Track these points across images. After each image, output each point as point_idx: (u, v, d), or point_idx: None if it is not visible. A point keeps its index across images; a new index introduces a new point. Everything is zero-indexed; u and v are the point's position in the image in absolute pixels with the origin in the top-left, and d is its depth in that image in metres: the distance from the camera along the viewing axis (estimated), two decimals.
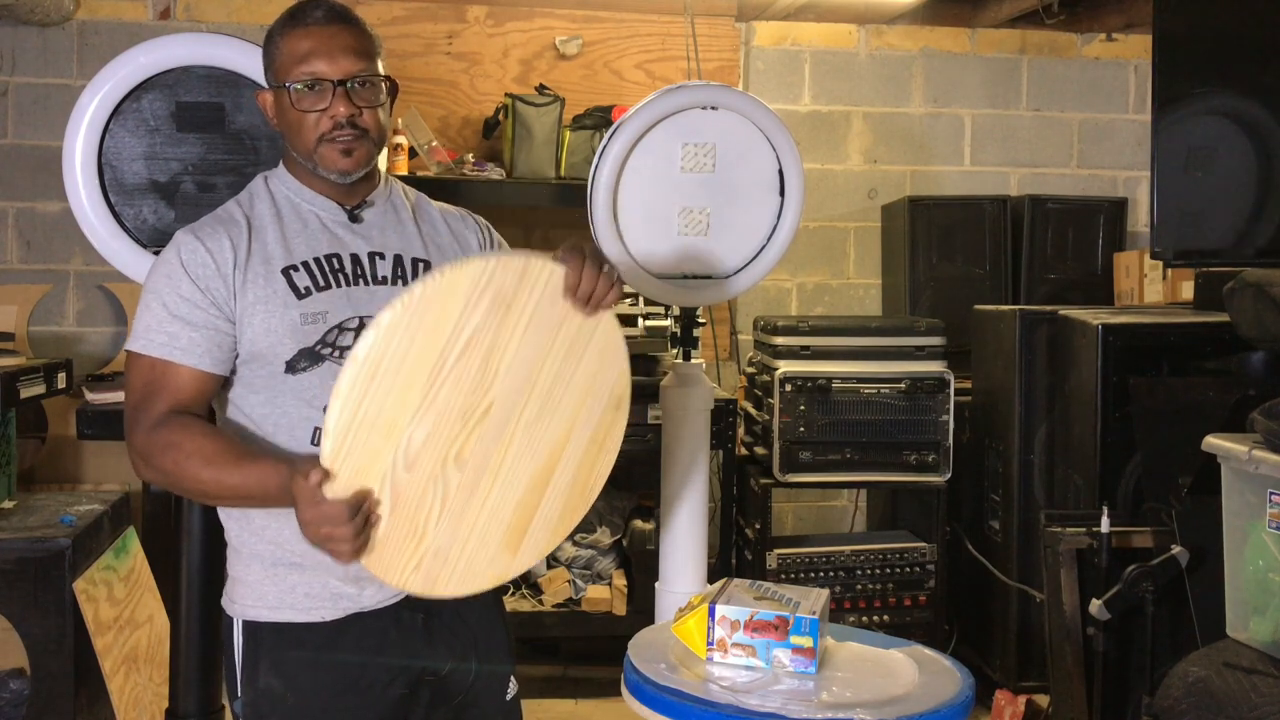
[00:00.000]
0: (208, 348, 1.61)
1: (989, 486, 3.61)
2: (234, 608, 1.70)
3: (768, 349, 3.66)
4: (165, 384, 1.59)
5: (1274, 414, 2.10)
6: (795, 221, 2.47)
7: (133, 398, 1.61)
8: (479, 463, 1.53)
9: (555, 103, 4.03)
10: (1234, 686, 2.07)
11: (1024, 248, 4.19)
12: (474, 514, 1.54)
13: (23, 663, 2.98)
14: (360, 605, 1.68)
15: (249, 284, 1.63)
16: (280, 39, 1.66)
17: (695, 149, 2.42)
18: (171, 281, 1.62)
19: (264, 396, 1.65)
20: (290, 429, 1.65)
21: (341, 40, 1.64)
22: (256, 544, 1.67)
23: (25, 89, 4.11)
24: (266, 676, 1.66)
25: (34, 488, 3.69)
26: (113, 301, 4.16)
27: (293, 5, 1.68)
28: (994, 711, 3.35)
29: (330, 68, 1.63)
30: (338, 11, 1.67)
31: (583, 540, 3.86)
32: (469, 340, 1.51)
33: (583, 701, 3.73)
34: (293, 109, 1.64)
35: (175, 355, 1.59)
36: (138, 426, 1.58)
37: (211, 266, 1.62)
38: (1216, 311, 2.90)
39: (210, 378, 1.62)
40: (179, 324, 1.60)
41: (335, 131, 1.64)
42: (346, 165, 1.67)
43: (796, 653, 1.61)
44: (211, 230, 1.66)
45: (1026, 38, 4.56)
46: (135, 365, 1.62)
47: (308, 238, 1.69)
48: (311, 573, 1.65)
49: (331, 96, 1.63)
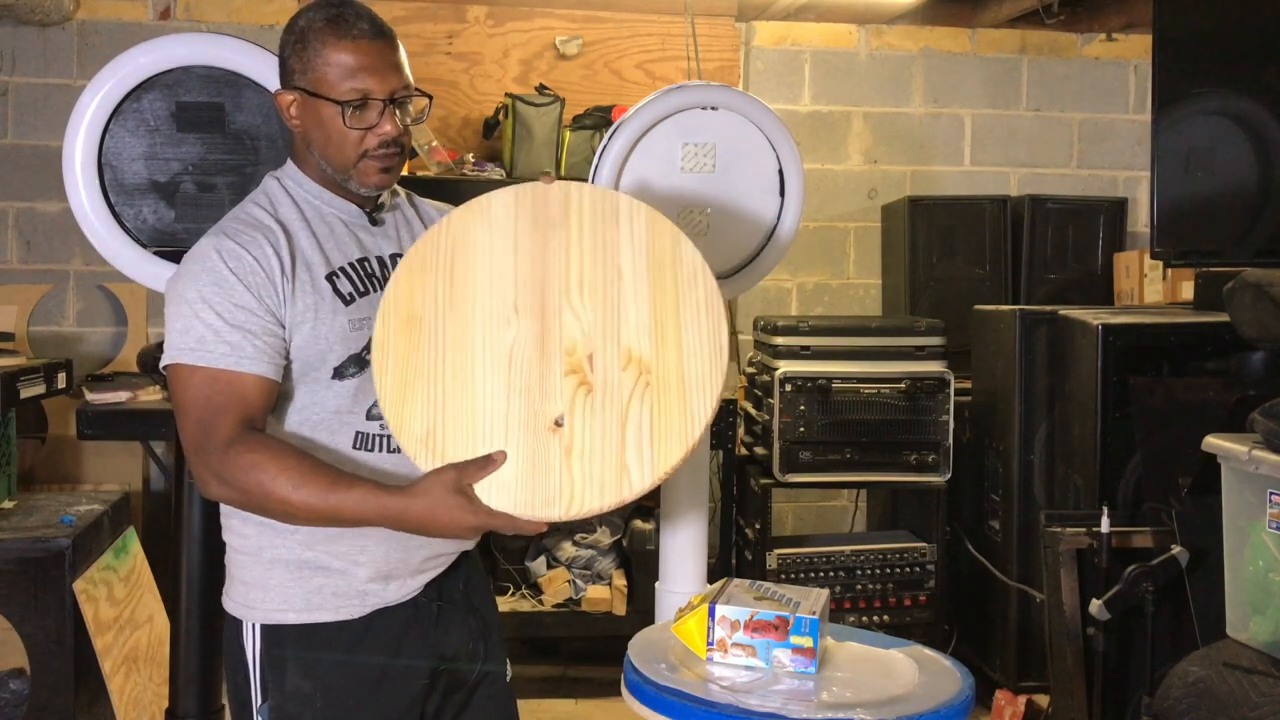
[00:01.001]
0: (270, 355, 1.58)
1: (989, 486, 3.61)
2: (250, 613, 1.67)
3: (767, 349, 3.66)
4: (231, 395, 1.55)
5: (1274, 414, 2.10)
6: (795, 222, 2.46)
7: (195, 413, 1.55)
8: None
9: (555, 103, 4.03)
10: (1234, 686, 2.07)
11: (1024, 248, 4.19)
12: (602, 428, 1.53)
13: (23, 663, 2.98)
14: (385, 601, 1.69)
15: (298, 292, 1.61)
16: (322, 47, 1.61)
17: (695, 149, 2.42)
18: (223, 290, 1.57)
19: (306, 402, 1.64)
20: (331, 434, 1.64)
21: (389, 57, 1.63)
22: (281, 548, 1.65)
23: (25, 89, 4.11)
24: (295, 678, 1.65)
25: (34, 488, 3.69)
26: (113, 301, 4.16)
27: (326, 9, 1.63)
28: (994, 711, 3.35)
29: (380, 86, 1.61)
30: (379, 25, 1.65)
31: (583, 540, 3.87)
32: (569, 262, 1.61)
33: (583, 701, 3.73)
34: (338, 121, 1.62)
35: (243, 365, 1.55)
36: (210, 444, 1.53)
37: (261, 274, 1.58)
38: (1216, 311, 2.90)
39: (274, 385, 1.59)
40: (239, 333, 1.56)
41: (379, 150, 1.63)
42: (384, 181, 1.68)
43: (796, 653, 1.61)
44: (250, 236, 1.61)
45: (1026, 38, 4.56)
46: (192, 379, 1.56)
47: (337, 242, 1.69)
48: (339, 574, 1.65)
49: (380, 115, 1.62)
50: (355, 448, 1.65)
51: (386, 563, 1.66)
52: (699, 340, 1.56)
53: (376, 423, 1.65)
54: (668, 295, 1.59)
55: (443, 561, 1.75)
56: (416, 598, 1.72)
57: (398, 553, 1.66)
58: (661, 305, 1.58)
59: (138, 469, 3.86)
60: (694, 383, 1.54)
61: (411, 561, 1.69)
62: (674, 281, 1.60)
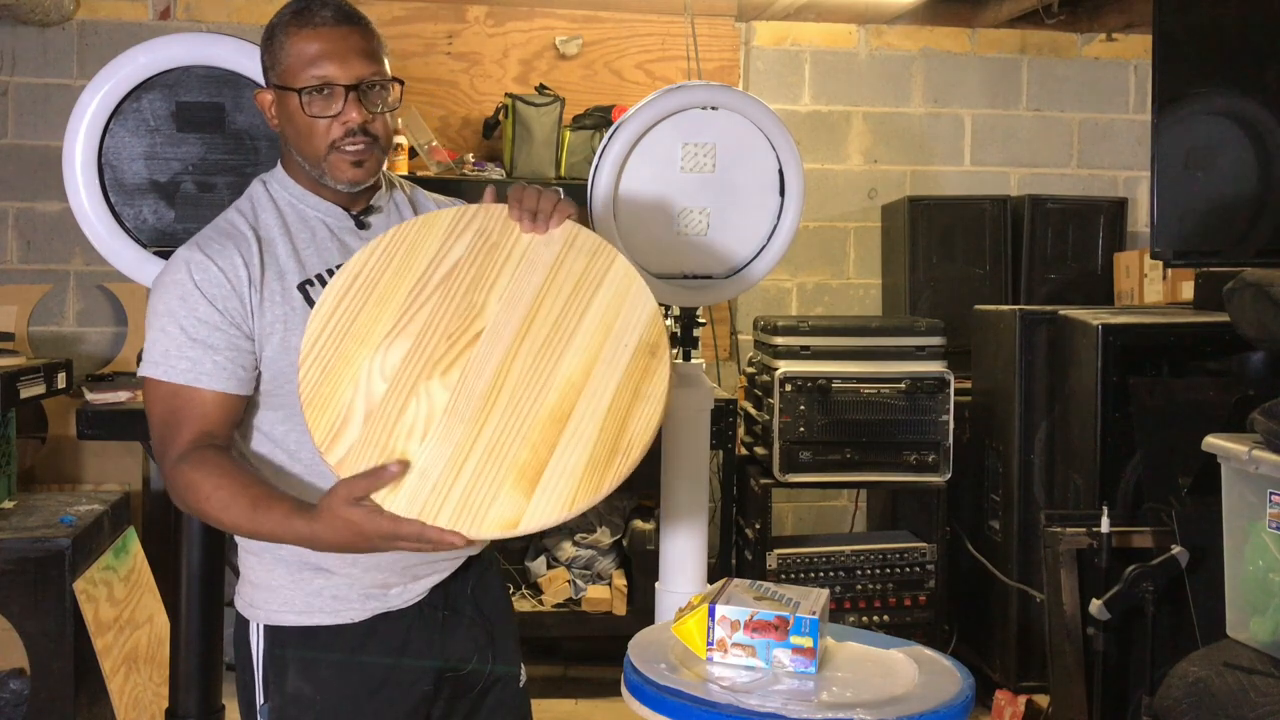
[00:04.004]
0: (232, 370, 1.57)
1: (989, 486, 3.61)
2: (255, 613, 1.68)
3: (768, 349, 3.66)
4: (190, 410, 1.55)
5: (1274, 414, 2.10)
6: (795, 221, 2.46)
7: (157, 427, 1.57)
8: (471, 387, 1.49)
9: (555, 103, 4.03)
10: (1234, 686, 2.07)
11: (1024, 248, 4.19)
12: (468, 439, 1.46)
13: (23, 663, 2.98)
14: (387, 605, 1.68)
15: (266, 302, 1.59)
16: (285, 38, 1.60)
17: (695, 149, 2.42)
18: (187, 304, 1.56)
19: (284, 414, 1.63)
20: (313, 447, 1.63)
21: (352, 42, 1.59)
22: (280, 549, 1.64)
23: (25, 89, 4.11)
24: (295, 680, 1.65)
25: (34, 488, 3.69)
26: (113, 301, 4.16)
27: (295, 3, 1.61)
28: (994, 711, 3.35)
29: (341, 71, 1.58)
30: (346, 11, 1.61)
31: (583, 540, 3.87)
32: (452, 269, 1.56)
33: (583, 701, 3.73)
34: (301, 114, 1.59)
35: (200, 381, 1.55)
36: (164, 458, 1.56)
37: (226, 286, 1.57)
38: (1216, 311, 2.90)
39: (236, 399, 1.59)
40: (200, 348, 1.56)
41: (347, 139, 1.59)
42: (356, 176, 1.63)
43: (796, 653, 1.61)
44: (220, 246, 1.60)
45: (1026, 38, 4.56)
46: (155, 392, 1.57)
47: (318, 248, 1.66)
48: (339, 577, 1.65)
49: (344, 102, 1.58)
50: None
51: (380, 568, 1.64)
52: (606, 385, 1.51)
53: None
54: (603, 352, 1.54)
55: (445, 566, 1.73)
56: (421, 603, 1.70)
57: (391, 557, 1.62)
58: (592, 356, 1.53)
59: (138, 469, 3.86)
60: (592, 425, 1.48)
61: (409, 566, 1.67)
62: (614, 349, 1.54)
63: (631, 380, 1.52)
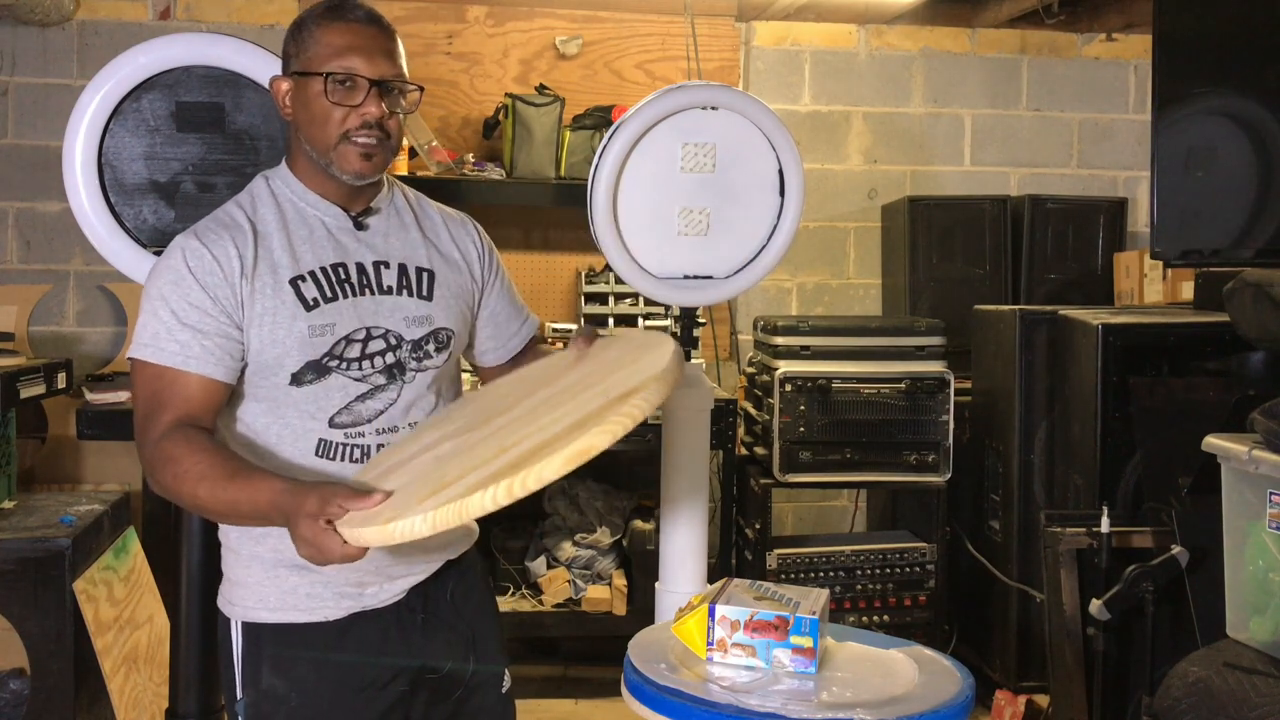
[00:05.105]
0: (220, 356, 1.59)
1: (989, 486, 3.61)
2: (232, 609, 1.70)
3: (768, 349, 3.66)
4: (174, 393, 1.57)
5: (1274, 414, 2.10)
6: (795, 222, 2.46)
7: (140, 407, 1.59)
8: (470, 439, 1.53)
9: (555, 103, 4.03)
10: (1234, 686, 2.07)
11: (1024, 248, 4.19)
12: (435, 476, 1.42)
13: (23, 663, 2.98)
14: (362, 605, 1.69)
15: (257, 294, 1.61)
16: (316, 28, 1.64)
17: (695, 149, 2.42)
18: (180, 288, 1.59)
19: (266, 406, 1.64)
20: (294, 440, 1.64)
21: (380, 42, 1.65)
22: (256, 546, 1.67)
23: (25, 89, 4.11)
24: (269, 677, 1.67)
25: (34, 488, 3.69)
26: (113, 301, 4.16)
27: (329, 2, 1.66)
28: (994, 711, 3.35)
29: (368, 66, 1.62)
30: (377, 15, 1.67)
31: (583, 540, 3.86)
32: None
33: (583, 701, 3.73)
34: (321, 99, 1.62)
35: (189, 364, 1.57)
36: (145, 438, 1.56)
37: (219, 274, 1.59)
38: (1216, 311, 2.90)
39: (221, 386, 1.60)
40: (189, 332, 1.57)
41: (361, 130, 1.62)
42: (364, 168, 1.65)
43: (796, 653, 1.61)
44: (216, 236, 1.62)
45: (1026, 38, 4.56)
46: (142, 373, 1.59)
47: (314, 246, 1.67)
48: (314, 574, 1.65)
49: (365, 95, 1.62)
50: (318, 455, 1.65)
51: (355, 566, 1.61)
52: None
53: (340, 431, 1.65)
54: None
55: (421, 569, 1.74)
56: (399, 604, 1.71)
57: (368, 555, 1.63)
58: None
59: (138, 469, 3.82)
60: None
61: (383, 566, 1.68)
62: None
63: (590, 419, 1.39)
